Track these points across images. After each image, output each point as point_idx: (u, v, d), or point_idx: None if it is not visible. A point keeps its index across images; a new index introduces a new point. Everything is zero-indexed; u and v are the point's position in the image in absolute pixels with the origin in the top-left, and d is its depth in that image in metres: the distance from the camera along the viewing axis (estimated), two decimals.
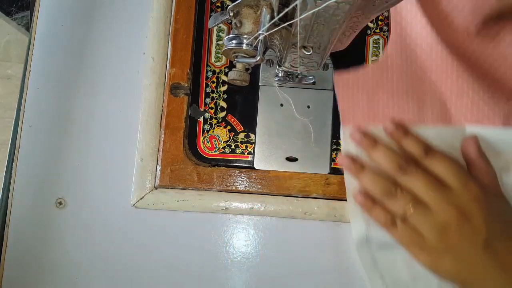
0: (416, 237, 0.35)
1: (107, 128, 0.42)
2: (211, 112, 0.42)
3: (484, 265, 0.33)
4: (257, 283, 0.40)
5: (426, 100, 0.39)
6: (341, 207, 0.40)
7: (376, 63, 0.39)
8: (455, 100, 0.38)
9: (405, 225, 0.35)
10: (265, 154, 0.41)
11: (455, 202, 0.34)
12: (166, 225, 0.40)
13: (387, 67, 0.39)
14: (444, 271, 0.35)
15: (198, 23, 0.43)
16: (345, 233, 0.40)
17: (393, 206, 0.36)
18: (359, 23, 0.28)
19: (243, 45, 0.30)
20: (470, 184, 0.34)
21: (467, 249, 0.33)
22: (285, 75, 0.39)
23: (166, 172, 0.40)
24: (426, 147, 0.37)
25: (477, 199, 0.34)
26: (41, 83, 0.42)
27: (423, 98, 0.39)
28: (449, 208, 0.34)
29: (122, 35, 0.43)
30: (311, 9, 0.21)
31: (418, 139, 0.37)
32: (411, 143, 0.37)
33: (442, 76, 0.38)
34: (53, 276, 0.40)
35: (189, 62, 0.42)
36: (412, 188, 0.35)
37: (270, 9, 0.27)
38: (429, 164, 0.36)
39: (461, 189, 0.34)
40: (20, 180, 0.41)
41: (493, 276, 0.33)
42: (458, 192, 0.34)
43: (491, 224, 0.33)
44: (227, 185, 0.40)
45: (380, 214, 0.36)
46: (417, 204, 0.35)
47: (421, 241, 0.34)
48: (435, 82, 0.38)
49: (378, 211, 0.36)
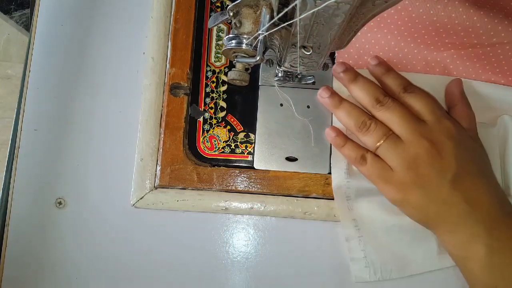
0: (384, 171, 0.34)
1: (107, 128, 0.42)
2: (211, 112, 0.42)
3: (451, 201, 0.33)
4: (257, 283, 0.40)
5: (420, 48, 0.38)
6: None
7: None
8: (451, 54, 0.38)
9: (375, 158, 0.35)
10: (265, 154, 0.41)
11: (428, 136, 0.33)
12: (166, 225, 0.40)
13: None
14: (411, 206, 0.34)
15: (198, 23, 0.43)
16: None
17: (367, 141, 0.35)
18: (359, 23, 0.28)
19: (243, 45, 0.30)
20: (446, 121, 0.34)
21: (435, 183, 0.33)
22: (285, 75, 0.39)
23: (166, 172, 0.40)
24: (406, 83, 0.36)
25: (450, 135, 0.33)
26: (41, 83, 0.42)
27: (418, 45, 0.38)
28: (421, 141, 0.33)
29: (122, 35, 0.43)
30: (311, 9, 0.21)
31: (399, 75, 0.37)
32: (392, 78, 0.36)
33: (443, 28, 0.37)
34: (53, 276, 0.40)
35: (189, 62, 0.42)
36: (387, 120, 0.34)
37: (270, 9, 0.27)
38: (408, 99, 0.35)
39: (436, 124, 0.34)
40: (20, 180, 0.41)
41: (458, 212, 0.33)
42: (433, 127, 0.34)
43: (462, 161, 0.33)
44: (227, 185, 0.40)
45: (351, 149, 0.36)
46: (389, 136, 0.34)
47: (389, 175, 0.34)
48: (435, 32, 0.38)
49: (349, 147, 0.36)
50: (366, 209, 0.38)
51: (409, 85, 0.37)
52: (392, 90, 0.36)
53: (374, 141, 0.35)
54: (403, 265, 0.38)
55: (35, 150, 0.41)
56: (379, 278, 0.37)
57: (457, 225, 0.33)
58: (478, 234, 0.32)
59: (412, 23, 0.38)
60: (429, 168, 0.33)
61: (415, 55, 0.39)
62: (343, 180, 0.38)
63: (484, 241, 0.32)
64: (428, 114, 0.34)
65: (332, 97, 0.37)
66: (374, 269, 0.37)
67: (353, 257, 0.38)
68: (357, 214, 0.38)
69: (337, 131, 0.38)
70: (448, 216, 0.33)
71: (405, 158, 0.33)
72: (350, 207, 0.38)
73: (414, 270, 0.38)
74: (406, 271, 0.38)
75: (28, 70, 0.43)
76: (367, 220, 0.38)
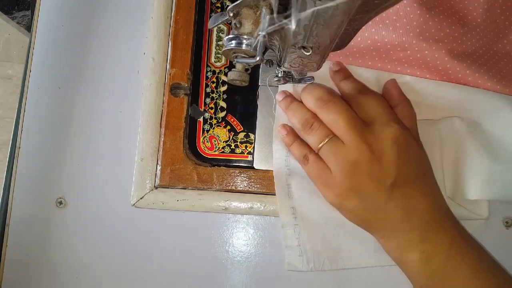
0: (324, 173, 0.34)
1: (107, 128, 0.42)
2: (211, 112, 0.42)
3: (388, 208, 0.33)
4: (256, 282, 0.40)
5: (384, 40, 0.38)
6: None
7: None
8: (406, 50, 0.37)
9: (316, 159, 0.34)
10: (265, 154, 0.41)
11: (370, 140, 0.32)
12: (166, 225, 0.41)
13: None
14: (347, 210, 0.34)
15: (198, 24, 0.43)
16: None
17: (310, 140, 0.35)
18: (358, 23, 0.28)
19: (243, 46, 0.30)
20: (393, 124, 0.33)
21: (372, 190, 0.32)
22: (284, 75, 0.39)
23: (166, 172, 0.40)
24: (361, 87, 0.36)
25: (394, 140, 0.32)
26: (41, 84, 0.42)
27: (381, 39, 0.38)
28: (362, 146, 0.32)
29: (122, 35, 0.43)
30: (310, 9, 0.21)
31: (355, 80, 0.37)
32: (348, 83, 0.36)
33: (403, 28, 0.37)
34: (53, 276, 0.40)
35: (189, 62, 0.42)
36: (330, 122, 0.34)
37: (270, 9, 0.27)
38: (359, 100, 0.35)
39: (382, 126, 0.33)
40: (20, 180, 0.41)
41: (395, 219, 0.33)
42: (378, 131, 0.33)
43: (402, 167, 0.32)
44: (227, 184, 0.40)
45: (296, 148, 0.36)
46: (331, 138, 0.33)
47: (328, 177, 0.33)
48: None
49: (295, 145, 0.36)
50: (305, 199, 0.38)
51: (364, 89, 0.36)
52: (347, 95, 0.36)
53: (317, 141, 0.34)
54: (337, 258, 0.38)
55: (35, 150, 0.41)
56: (312, 268, 0.37)
57: (393, 231, 0.33)
58: (413, 240, 0.32)
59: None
60: (367, 175, 0.32)
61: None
62: (284, 168, 0.38)
63: (419, 247, 0.32)
64: (376, 116, 0.34)
65: (285, 98, 0.38)
66: (307, 258, 0.37)
67: (288, 245, 0.38)
68: (296, 202, 0.38)
69: (288, 129, 0.38)
70: (385, 223, 0.33)
71: (344, 163, 0.33)
72: (290, 195, 0.38)
73: (348, 264, 0.38)
74: (340, 264, 0.38)
75: (29, 71, 0.43)
76: (306, 210, 0.38)
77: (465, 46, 0.37)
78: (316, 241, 0.38)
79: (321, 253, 0.38)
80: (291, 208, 0.38)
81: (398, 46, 0.36)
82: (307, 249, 0.37)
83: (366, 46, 0.37)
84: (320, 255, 0.38)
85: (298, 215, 0.38)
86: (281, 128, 0.38)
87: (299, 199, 0.38)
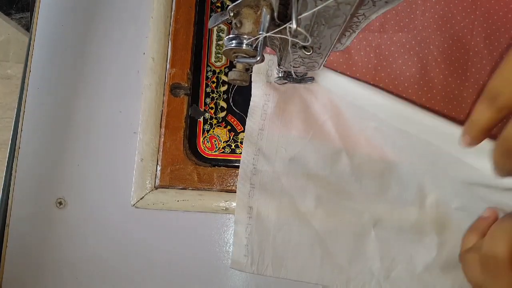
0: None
1: (107, 128, 0.42)
2: (211, 112, 0.42)
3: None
4: (257, 283, 0.40)
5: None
6: None
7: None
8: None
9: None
10: None
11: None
12: (166, 225, 0.40)
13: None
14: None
15: (198, 23, 0.43)
16: None
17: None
18: (359, 23, 0.28)
19: (243, 45, 0.29)
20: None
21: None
22: (285, 75, 0.39)
23: (166, 172, 0.40)
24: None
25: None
26: (41, 83, 0.42)
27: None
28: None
29: (122, 35, 0.43)
30: (311, 9, 0.21)
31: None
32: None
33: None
34: (53, 276, 0.40)
35: (189, 62, 0.42)
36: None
37: (270, 9, 0.27)
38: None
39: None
40: (20, 180, 0.41)
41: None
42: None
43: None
44: (227, 185, 0.40)
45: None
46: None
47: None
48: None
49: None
50: (265, 202, 0.38)
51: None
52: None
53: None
54: (280, 266, 0.37)
55: (35, 150, 0.41)
56: (254, 271, 0.37)
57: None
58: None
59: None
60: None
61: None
62: (250, 166, 0.38)
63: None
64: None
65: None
66: (252, 259, 0.37)
67: (236, 242, 0.38)
68: (254, 203, 0.38)
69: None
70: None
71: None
72: (250, 194, 0.38)
73: (289, 275, 0.37)
74: (282, 273, 0.37)
75: (28, 70, 0.43)
76: (263, 212, 0.38)
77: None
78: (265, 244, 0.37)
79: (266, 258, 0.37)
80: (249, 207, 0.38)
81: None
82: (254, 250, 0.37)
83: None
84: (265, 259, 0.37)
85: (254, 215, 0.38)
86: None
87: (259, 200, 0.38)
